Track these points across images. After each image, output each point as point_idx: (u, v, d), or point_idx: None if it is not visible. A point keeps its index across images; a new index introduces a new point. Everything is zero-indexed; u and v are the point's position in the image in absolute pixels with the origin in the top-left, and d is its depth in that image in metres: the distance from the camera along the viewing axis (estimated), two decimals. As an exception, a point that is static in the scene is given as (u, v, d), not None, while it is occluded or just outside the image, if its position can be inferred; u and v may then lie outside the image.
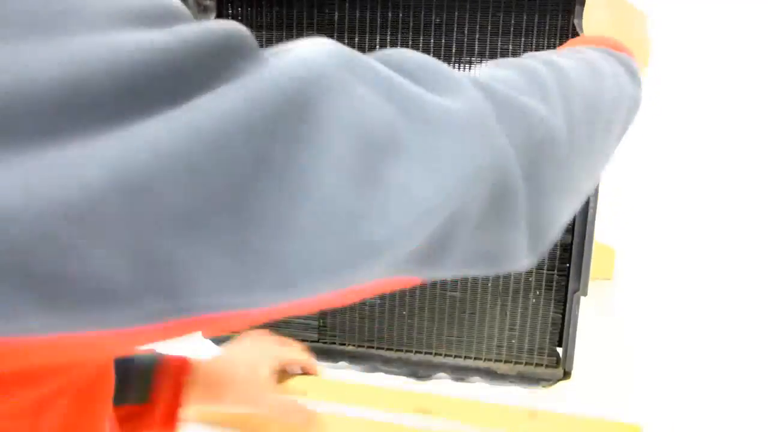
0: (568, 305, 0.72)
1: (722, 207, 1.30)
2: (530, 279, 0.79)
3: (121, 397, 0.55)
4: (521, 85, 0.31)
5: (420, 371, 0.68)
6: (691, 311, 0.94)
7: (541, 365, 0.66)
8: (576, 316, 0.65)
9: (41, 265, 0.19)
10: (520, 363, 0.67)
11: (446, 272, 0.30)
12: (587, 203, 0.75)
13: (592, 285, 0.99)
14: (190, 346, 0.64)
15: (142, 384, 0.58)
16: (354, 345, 0.71)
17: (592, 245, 0.68)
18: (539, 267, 0.74)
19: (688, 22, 1.40)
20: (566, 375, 0.59)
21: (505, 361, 0.67)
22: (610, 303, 0.96)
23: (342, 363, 0.70)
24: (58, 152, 0.19)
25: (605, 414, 0.61)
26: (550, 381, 0.63)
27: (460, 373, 0.67)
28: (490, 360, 0.67)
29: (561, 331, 0.68)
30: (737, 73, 1.40)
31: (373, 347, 0.71)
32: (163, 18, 0.23)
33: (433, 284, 0.78)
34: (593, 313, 0.90)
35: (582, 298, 0.69)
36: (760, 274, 1.06)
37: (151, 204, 0.20)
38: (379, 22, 0.70)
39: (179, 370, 0.60)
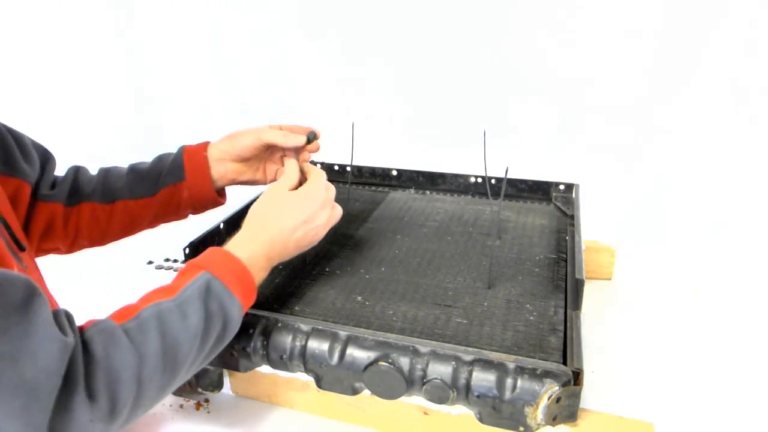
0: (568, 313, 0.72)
1: (722, 206, 1.30)
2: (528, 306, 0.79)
3: (160, 183, 0.80)
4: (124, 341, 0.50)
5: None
6: (690, 311, 0.94)
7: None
8: (579, 328, 0.65)
9: None
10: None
11: None
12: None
13: (593, 285, 0.99)
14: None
15: (176, 167, 0.80)
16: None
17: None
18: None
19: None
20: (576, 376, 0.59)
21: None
22: (610, 303, 0.96)
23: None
24: None
25: (610, 412, 0.62)
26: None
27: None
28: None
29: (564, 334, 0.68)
30: (737, 75, 1.40)
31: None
32: None
33: (439, 310, 0.78)
34: (593, 313, 0.90)
35: (582, 296, 0.69)
36: (760, 271, 1.06)
37: None
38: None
39: (199, 149, 0.81)
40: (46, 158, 0.79)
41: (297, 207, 0.70)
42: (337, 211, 0.75)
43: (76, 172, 0.82)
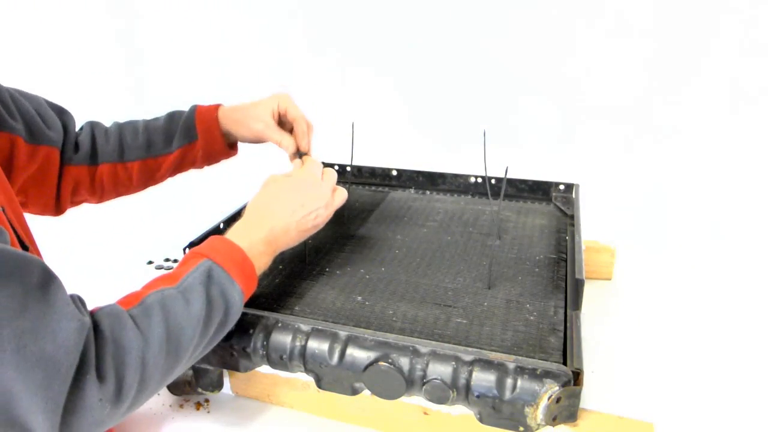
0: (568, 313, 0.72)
1: (722, 206, 1.30)
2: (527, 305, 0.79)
3: (174, 143, 0.84)
4: (130, 325, 0.51)
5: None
6: (690, 311, 0.94)
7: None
8: (579, 328, 0.65)
9: None
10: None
11: None
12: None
13: (593, 285, 0.99)
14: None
15: (188, 128, 0.84)
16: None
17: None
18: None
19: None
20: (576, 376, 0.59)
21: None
22: (610, 303, 0.96)
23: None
24: None
25: (610, 412, 0.61)
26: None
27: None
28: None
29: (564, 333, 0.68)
30: (737, 76, 1.40)
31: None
32: None
33: (439, 310, 0.78)
34: (593, 313, 0.90)
35: (582, 296, 0.69)
36: (760, 271, 1.06)
37: None
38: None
39: (211, 111, 0.85)
40: (65, 119, 0.83)
41: (292, 190, 0.71)
42: (339, 195, 0.76)
43: (93, 130, 0.85)
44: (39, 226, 0.75)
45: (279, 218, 0.69)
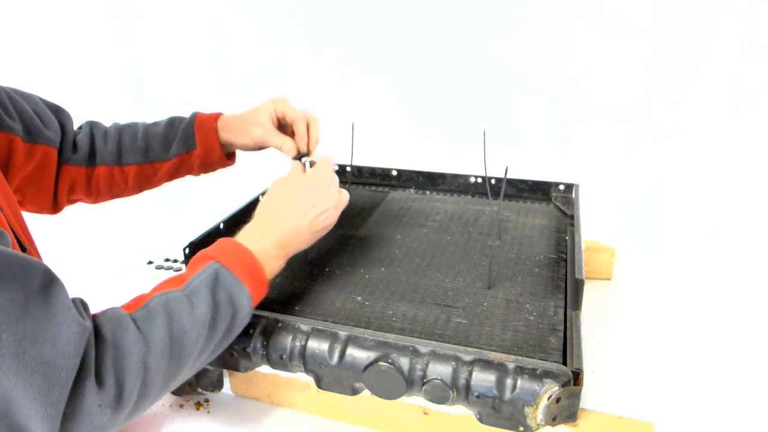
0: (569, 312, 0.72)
1: (722, 206, 1.30)
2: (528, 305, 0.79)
3: (172, 151, 0.84)
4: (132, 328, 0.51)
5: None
6: (690, 311, 0.94)
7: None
8: (579, 328, 0.65)
9: None
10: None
11: None
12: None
13: (593, 285, 0.99)
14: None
15: (186, 136, 0.84)
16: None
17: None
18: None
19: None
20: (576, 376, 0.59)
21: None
22: (610, 303, 0.96)
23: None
24: None
25: (610, 412, 0.61)
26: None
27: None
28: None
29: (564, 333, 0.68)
30: (737, 76, 1.40)
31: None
32: None
33: (439, 310, 0.78)
34: (593, 313, 0.90)
35: (582, 296, 0.69)
36: (760, 271, 1.06)
37: None
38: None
39: (211, 120, 0.85)
40: (61, 117, 0.83)
41: (304, 192, 0.70)
42: (344, 196, 0.76)
43: (92, 130, 0.85)
44: (38, 225, 0.75)
45: (290, 220, 0.68)
